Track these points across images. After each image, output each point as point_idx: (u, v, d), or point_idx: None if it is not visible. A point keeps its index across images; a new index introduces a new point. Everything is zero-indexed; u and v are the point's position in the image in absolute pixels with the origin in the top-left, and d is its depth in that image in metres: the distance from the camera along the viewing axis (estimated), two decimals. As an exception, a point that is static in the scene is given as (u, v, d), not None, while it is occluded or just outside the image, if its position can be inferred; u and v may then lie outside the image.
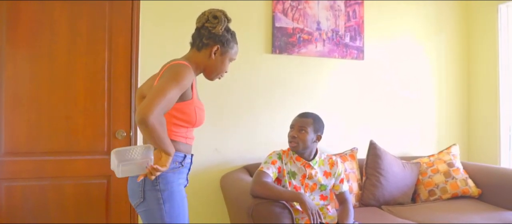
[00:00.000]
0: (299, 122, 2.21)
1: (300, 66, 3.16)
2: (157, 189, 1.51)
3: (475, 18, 3.61)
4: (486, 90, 3.50)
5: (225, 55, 1.68)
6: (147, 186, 1.51)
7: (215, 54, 1.66)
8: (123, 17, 2.74)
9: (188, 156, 1.64)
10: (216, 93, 2.94)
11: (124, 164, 1.41)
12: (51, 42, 2.60)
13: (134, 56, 2.75)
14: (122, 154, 1.42)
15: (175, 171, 1.56)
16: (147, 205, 1.52)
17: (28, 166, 2.57)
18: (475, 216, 2.56)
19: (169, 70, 1.52)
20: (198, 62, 1.67)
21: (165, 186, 1.52)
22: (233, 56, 1.73)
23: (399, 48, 3.46)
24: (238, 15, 2.98)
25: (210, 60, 1.66)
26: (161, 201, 1.50)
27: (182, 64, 1.56)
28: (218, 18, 1.63)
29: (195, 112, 1.58)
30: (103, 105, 2.70)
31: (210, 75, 1.72)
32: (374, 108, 3.38)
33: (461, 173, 3.04)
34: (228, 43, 1.67)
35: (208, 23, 1.64)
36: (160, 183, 1.51)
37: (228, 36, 1.67)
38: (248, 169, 2.86)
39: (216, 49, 1.65)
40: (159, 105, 1.37)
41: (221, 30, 1.64)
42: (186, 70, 1.52)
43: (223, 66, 1.70)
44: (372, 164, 2.95)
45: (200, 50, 1.66)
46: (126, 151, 1.43)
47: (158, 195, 1.51)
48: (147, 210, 1.52)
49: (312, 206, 1.96)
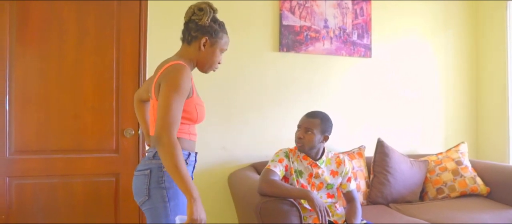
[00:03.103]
0: (306, 122, 2.20)
1: (308, 64, 3.16)
2: (162, 187, 1.51)
3: (484, 16, 3.57)
4: (495, 87, 3.47)
5: (215, 46, 1.67)
6: (152, 184, 1.51)
7: (205, 46, 1.65)
8: (131, 16, 2.75)
9: (192, 154, 1.65)
10: (223, 91, 2.94)
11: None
12: (60, 41, 2.62)
13: (142, 54, 2.76)
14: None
15: None
16: (152, 203, 1.52)
17: (37, 164, 2.59)
18: (484, 215, 2.55)
19: (166, 79, 1.50)
20: (191, 56, 1.67)
21: (170, 184, 1.51)
22: (224, 46, 1.71)
23: (407, 46, 3.45)
24: (246, 14, 3.00)
25: (201, 53, 1.66)
26: (166, 199, 1.50)
27: (177, 64, 1.55)
28: (204, 10, 1.62)
29: (195, 109, 1.59)
30: (111, 103, 2.71)
31: (203, 67, 1.71)
32: (381, 106, 3.36)
33: (469, 171, 3.02)
34: (216, 33, 1.65)
35: (194, 16, 1.64)
36: (165, 181, 1.51)
37: (215, 27, 1.66)
38: (255, 167, 2.86)
39: (205, 40, 1.64)
40: (168, 123, 1.42)
41: (208, 21, 1.62)
42: (183, 73, 1.51)
43: (214, 58, 1.69)
44: (380, 162, 2.95)
45: (190, 43, 1.66)
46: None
47: (163, 193, 1.51)
48: (152, 208, 1.52)
49: (320, 204, 1.96)
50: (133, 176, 1.62)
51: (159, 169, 1.53)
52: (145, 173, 1.54)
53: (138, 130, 2.76)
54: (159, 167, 1.53)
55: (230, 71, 2.93)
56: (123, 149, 2.73)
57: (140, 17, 2.76)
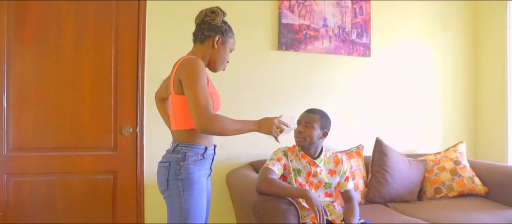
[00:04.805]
0: (306, 117, 2.21)
1: (307, 62, 3.15)
2: (178, 178, 1.66)
3: (483, 15, 3.57)
4: (494, 87, 3.47)
5: (226, 44, 1.83)
6: (170, 176, 1.67)
7: (217, 43, 1.80)
8: (129, 13, 2.75)
9: (209, 148, 1.77)
10: (222, 89, 2.91)
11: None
12: (58, 38, 2.62)
13: (141, 52, 2.75)
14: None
15: (196, 163, 1.70)
16: (170, 192, 1.67)
17: (35, 162, 2.59)
18: (481, 215, 2.55)
19: (184, 73, 1.65)
20: (204, 54, 1.80)
21: (186, 176, 1.66)
22: (232, 46, 1.87)
23: (406, 45, 3.45)
24: (245, 12, 2.99)
25: (214, 50, 1.81)
26: (181, 189, 1.65)
27: (189, 58, 1.70)
28: (215, 12, 1.79)
29: (211, 98, 1.69)
30: (109, 101, 2.71)
31: (214, 65, 1.84)
32: (380, 105, 3.36)
33: (467, 171, 3.03)
34: (226, 32, 1.82)
35: (207, 18, 1.79)
36: (181, 174, 1.66)
37: (226, 27, 1.83)
38: (254, 166, 2.86)
39: (218, 39, 1.79)
40: (202, 109, 1.58)
41: (220, 22, 1.79)
42: (197, 63, 1.66)
43: (225, 55, 1.84)
44: (378, 161, 2.94)
45: (203, 42, 1.80)
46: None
47: (179, 184, 1.66)
48: (170, 196, 1.68)
49: (318, 203, 1.96)
50: (157, 168, 1.77)
51: (176, 162, 1.67)
52: (165, 165, 1.69)
53: (136, 127, 2.76)
54: (177, 160, 1.68)
55: (229, 69, 2.87)
56: (121, 147, 2.73)
57: (138, 14, 2.76)
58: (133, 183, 2.76)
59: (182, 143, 1.70)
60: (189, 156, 1.68)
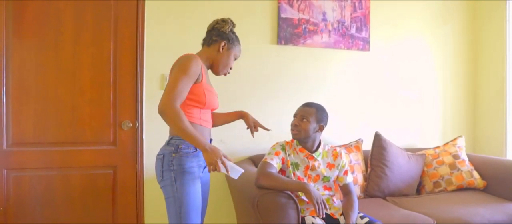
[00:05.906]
0: (301, 111, 2.21)
1: (306, 57, 3.15)
2: (171, 169, 1.76)
3: (483, 10, 3.57)
4: (493, 82, 3.47)
5: (231, 51, 1.95)
6: (164, 167, 1.78)
7: (223, 48, 1.92)
8: (128, 8, 2.74)
9: None
10: (221, 84, 2.92)
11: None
12: (57, 33, 2.61)
13: (140, 46, 2.75)
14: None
15: (188, 155, 1.78)
16: (164, 182, 1.78)
17: (35, 157, 2.59)
18: (480, 208, 2.56)
19: (176, 64, 1.78)
20: (208, 55, 1.93)
21: (178, 167, 1.76)
22: (237, 53, 2.00)
23: (406, 40, 3.44)
24: (244, 6, 2.99)
25: (219, 54, 1.92)
26: (173, 179, 1.76)
27: (187, 54, 1.80)
28: (226, 21, 1.94)
29: (204, 94, 1.80)
30: (109, 96, 2.71)
31: (217, 68, 1.95)
32: (379, 99, 3.37)
33: (466, 165, 3.03)
34: (233, 41, 1.95)
35: (217, 25, 1.93)
36: (174, 165, 1.76)
37: (233, 36, 1.96)
38: (253, 160, 2.87)
39: (224, 44, 1.92)
40: (172, 96, 1.66)
41: (228, 30, 1.94)
42: (191, 59, 1.76)
43: (229, 61, 1.96)
44: (377, 155, 2.95)
45: (209, 46, 1.93)
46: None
47: (172, 174, 1.76)
48: (164, 187, 1.79)
49: (318, 196, 1.96)
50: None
51: (170, 154, 1.77)
52: (160, 157, 1.80)
53: (135, 122, 2.76)
54: (170, 152, 1.77)
55: (228, 64, 2.92)
56: (121, 141, 2.74)
57: (137, 10, 2.75)
58: (133, 177, 2.77)
59: (176, 136, 1.78)
60: (181, 148, 1.77)
